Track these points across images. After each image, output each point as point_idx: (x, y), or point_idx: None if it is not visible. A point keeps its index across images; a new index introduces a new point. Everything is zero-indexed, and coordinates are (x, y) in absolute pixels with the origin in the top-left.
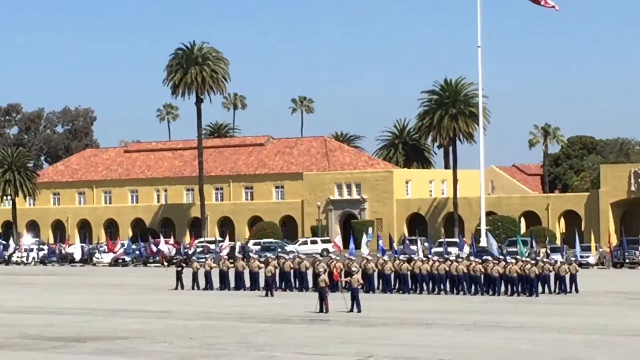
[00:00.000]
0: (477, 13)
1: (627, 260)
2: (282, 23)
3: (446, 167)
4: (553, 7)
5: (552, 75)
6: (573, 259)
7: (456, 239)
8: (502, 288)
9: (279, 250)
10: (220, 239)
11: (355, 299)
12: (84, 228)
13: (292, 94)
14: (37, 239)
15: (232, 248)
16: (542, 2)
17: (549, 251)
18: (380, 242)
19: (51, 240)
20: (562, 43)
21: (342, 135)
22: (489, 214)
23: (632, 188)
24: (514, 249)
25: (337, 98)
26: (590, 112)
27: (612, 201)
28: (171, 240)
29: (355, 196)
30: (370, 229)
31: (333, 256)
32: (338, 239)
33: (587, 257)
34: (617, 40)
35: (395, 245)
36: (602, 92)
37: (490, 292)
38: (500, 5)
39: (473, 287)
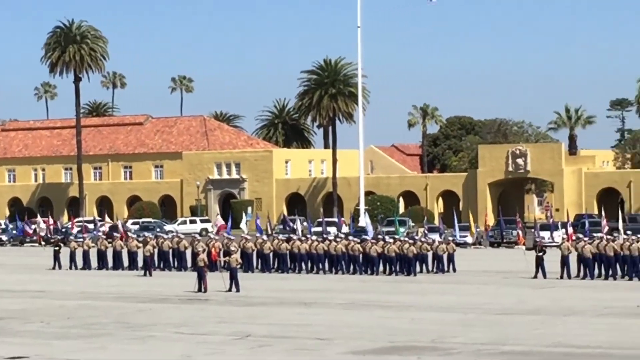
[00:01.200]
0: None
1: (504, 240)
2: (161, 1)
3: (326, 147)
4: None
5: (431, 56)
6: (451, 238)
7: (335, 219)
8: (381, 267)
9: (158, 229)
10: (98, 218)
11: (234, 278)
12: None
13: (172, 73)
14: None
15: (111, 227)
16: None
17: (427, 231)
18: (259, 221)
19: None
20: (441, 24)
21: (221, 115)
22: (368, 193)
23: (510, 168)
24: (392, 229)
25: (216, 77)
26: (468, 93)
27: (489, 181)
28: (50, 220)
29: (234, 176)
30: (249, 209)
31: (212, 235)
32: (219, 219)
33: (465, 236)
34: (494, 21)
35: (274, 224)
36: (481, 72)
37: (369, 272)
38: None
39: (352, 267)
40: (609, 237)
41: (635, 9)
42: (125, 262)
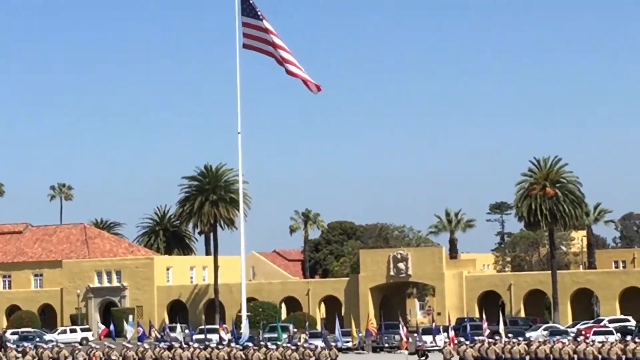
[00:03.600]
0: (237, 100)
1: (386, 345)
2: (38, 109)
3: (207, 253)
4: (319, 89)
5: (312, 161)
6: (333, 343)
7: (217, 326)
8: None
9: (38, 339)
10: None
11: None
12: None
13: (51, 181)
14: None
15: None
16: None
17: (309, 336)
18: (140, 329)
19: None
20: (321, 130)
21: (102, 223)
22: (250, 300)
23: (391, 273)
24: (275, 335)
25: (96, 185)
26: (349, 198)
27: (371, 286)
28: None
29: (115, 284)
30: (130, 317)
31: (93, 345)
32: (102, 327)
33: (347, 341)
34: (372, 126)
35: (156, 332)
36: (361, 177)
37: None
38: (259, 92)
39: None
40: (490, 340)
41: (514, 113)
42: None
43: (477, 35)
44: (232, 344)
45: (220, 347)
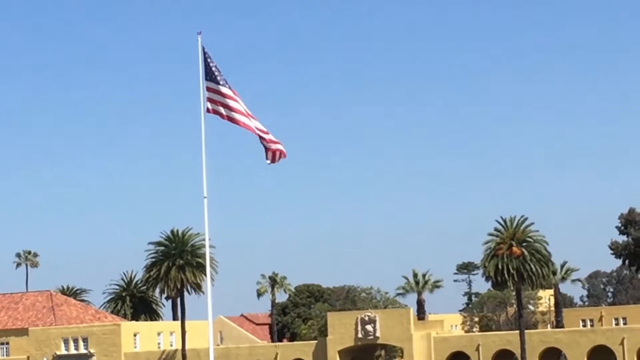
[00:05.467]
0: (203, 165)
1: None
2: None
3: (174, 318)
4: (280, 155)
5: (279, 225)
6: None
7: None
8: None
9: None
10: None
11: None
12: None
13: (16, 248)
14: None
15: None
16: (272, 155)
17: None
18: None
19: None
20: (288, 193)
21: (68, 289)
22: None
23: (359, 335)
24: None
25: (62, 251)
26: (316, 261)
27: (339, 348)
28: None
29: (82, 350)
30: None
31: None
32: None
33: None
34: (335, 187)
35: None
36: (328, 240)
37: None
38: (226, 156)
39: None
40: None
41: (480, 173)
42: None
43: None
44: None
45: None
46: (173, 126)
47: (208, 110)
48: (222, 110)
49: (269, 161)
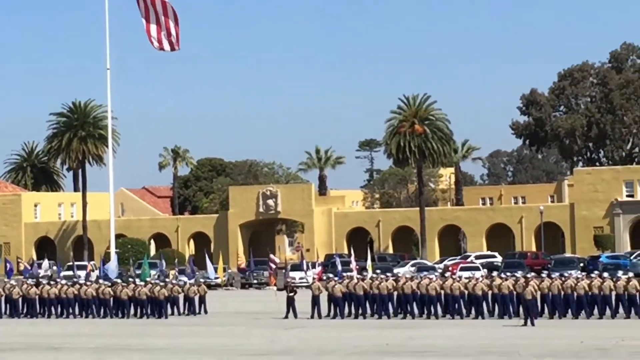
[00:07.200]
0: (106, 36)
1: (255, 281)
2: None
3: (76, 190)
4: (173, 49)
5: (182, 98)
6: (202, 280)
7: (85, 262)
8: (132, 311)
9: None
10: None
11: None
12: None
13: None
14: None
15: None
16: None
17: (177, 273)
18: (8, 265)
19: None
20: (189, 66)
21: None
22: (118, 236)
23: (261, 209)
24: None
25: None
26: (219, 135)
27: (240, 222)
28: None
29: None
30: None
31: None
32: None
33: (217, 278)
34: (241, 63)
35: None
36: (231, 114)
37: (120, 315)
38: (128, 28)
39: (102, 310)
40: (358, 276)
41: (384, 50)
42: None
43: None
44: (101, 281)
45: (88, 283)
46: None
47: None
48: None
49: (154, 46)
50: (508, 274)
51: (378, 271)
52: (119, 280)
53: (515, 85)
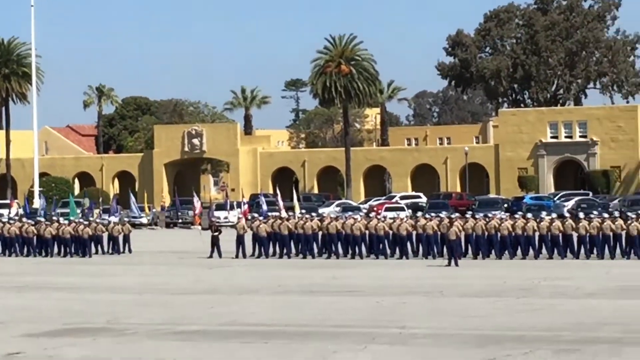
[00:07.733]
0: None
1: (180, 220)
2: None
3: None
4: None
5: (106, 36)
6: (126, 219)
7: (8, 201)
8: (55, 249)
9: None
10: None
11: None
12: None
13: None
14: None
15: None
16: None
17: (102, 212)
18: None
19: None
20: (116, 4)
21: None
22: (42, 175)
23: (186, 149)
24: (68, 210)
25: None
26: (144, 73)
27: (165, 162)
28: None
29: None
30: None
31: None
32: None
33: (141, 217)
34: (167, 3)
35: None
36: (157, 53)
37: (43, 254)
38: None
39: (25, 249)
40: (283, 216)
41: None
42: None
43: None
44: (24, 219)
45: (11, 222)
46: None
47: None
48: None
49: None
50: (432, 214)
51: (303, 211)
52: (42, 219)
53: (441, 26)
